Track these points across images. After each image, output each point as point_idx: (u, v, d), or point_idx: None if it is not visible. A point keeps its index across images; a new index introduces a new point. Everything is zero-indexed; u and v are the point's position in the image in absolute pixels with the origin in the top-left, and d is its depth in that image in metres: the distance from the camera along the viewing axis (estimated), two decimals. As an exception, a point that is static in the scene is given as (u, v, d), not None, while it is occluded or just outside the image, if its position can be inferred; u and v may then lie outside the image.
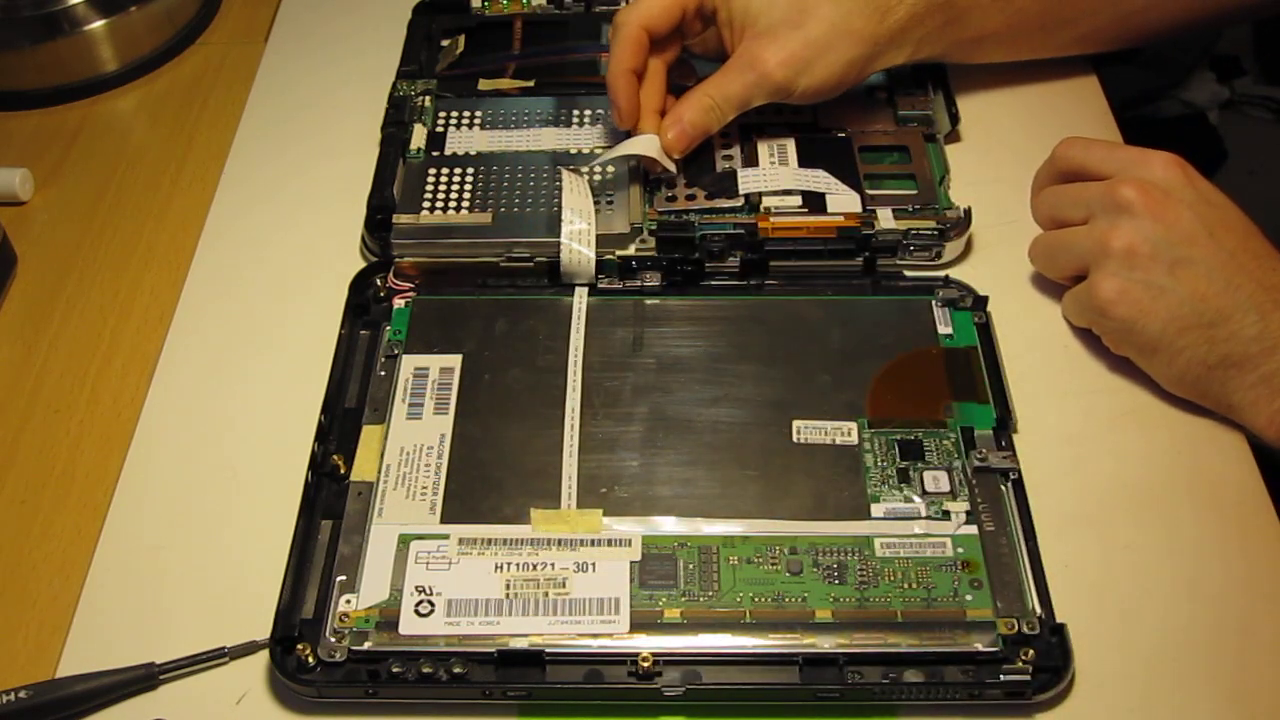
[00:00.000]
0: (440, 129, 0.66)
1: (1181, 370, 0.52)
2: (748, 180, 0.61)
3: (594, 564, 0.49)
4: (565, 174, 0.62)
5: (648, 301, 0.59)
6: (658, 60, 0.62)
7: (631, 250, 0.59)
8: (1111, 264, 0.52)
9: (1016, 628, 0.46)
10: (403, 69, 0.71)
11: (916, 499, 0.50)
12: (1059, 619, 0.47)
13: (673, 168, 0.62)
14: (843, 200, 0.61)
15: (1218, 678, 0.46)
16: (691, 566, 0.49)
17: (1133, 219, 0.52)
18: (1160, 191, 0.52)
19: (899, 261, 0.60)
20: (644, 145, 0.61)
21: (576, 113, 0.67)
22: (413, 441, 0.53)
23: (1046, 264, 0.58)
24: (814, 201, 0.61)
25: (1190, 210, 0.52)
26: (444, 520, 0.50)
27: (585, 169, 0.63)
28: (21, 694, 0.45)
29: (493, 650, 0.46)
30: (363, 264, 0.61)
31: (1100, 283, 0.53)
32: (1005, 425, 0.53)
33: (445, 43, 0.73)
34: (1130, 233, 0.52)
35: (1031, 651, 0.45)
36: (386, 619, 0.47)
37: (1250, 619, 0.47)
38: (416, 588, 0.48)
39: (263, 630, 0.47)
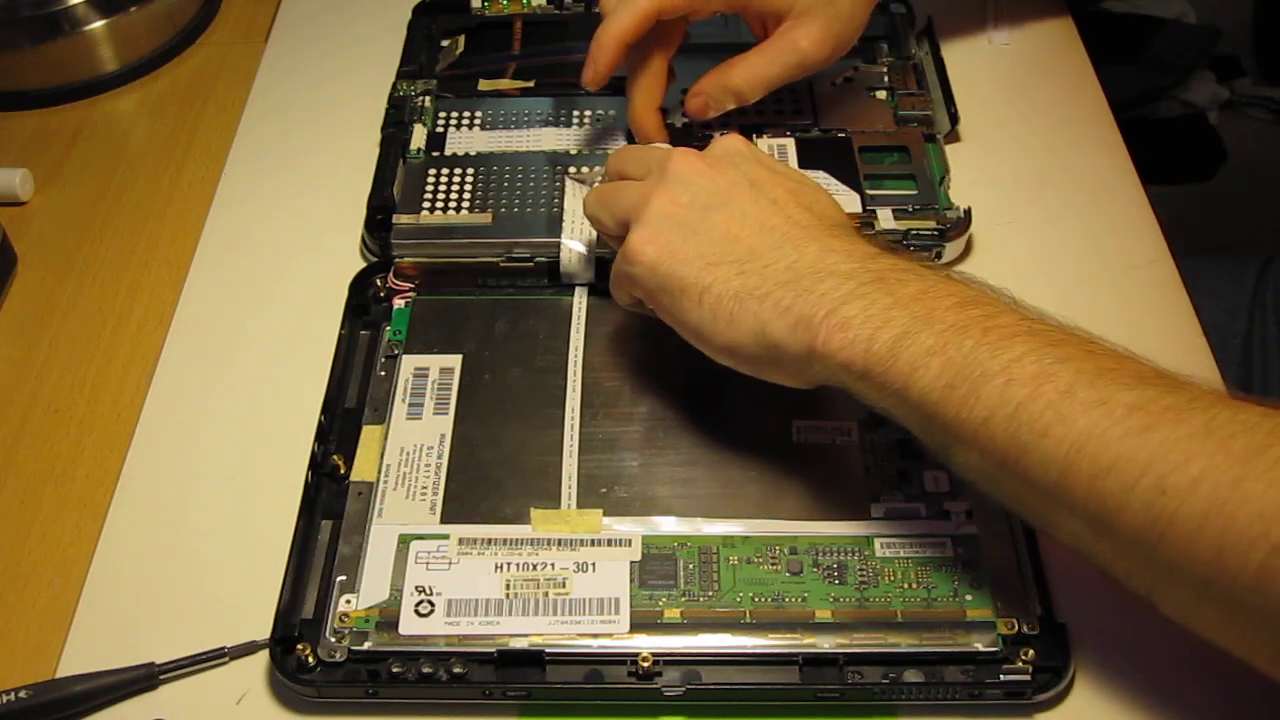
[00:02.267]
0: (440, 129, 0.66)
1: (712, 308, 0.48)
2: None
3: (594, 564, 0.49)
4: (569, 183, 0.62)
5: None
6: (659, 57, 0.62)
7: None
8: (648, 214, 0.51)
9: (1016, 628, 0.46)
10: (403, 69, 0.71)
11: (917, 499, 0.50)
12: (1059, 619, 0.47)
13: None
14: (843, 201, 0.60)
15: (1218, 678, 0.46)
16: (691, 566, 0.49)
17: (680, 180, 0.51)
18: (713, 159, 0.52)
19: (899, 262, 0.60)
20: None
21: (576, 113, 0.67)
22: (413, 441, 0.53)
23: (598, 209, 0.55)
24: (814, 202, 0.61)
25: (738, 170, 0.51)
26: (444, 520, 0.50)
27: (588, 172, 0.63)
28: (21, 694, 0.45)
29: (493, 650, 0.46)
30: (363, 264, 0.61)
31: (634, 232, 0.51)
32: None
33: (445, 43, 0.73)
34: (674, 190, 0.51)
35: (1031, 651, 0.45)
36: (386, 619, 0.47)
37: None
38: (416, 588, 0.48)
39: (263, 630, 0.47)
